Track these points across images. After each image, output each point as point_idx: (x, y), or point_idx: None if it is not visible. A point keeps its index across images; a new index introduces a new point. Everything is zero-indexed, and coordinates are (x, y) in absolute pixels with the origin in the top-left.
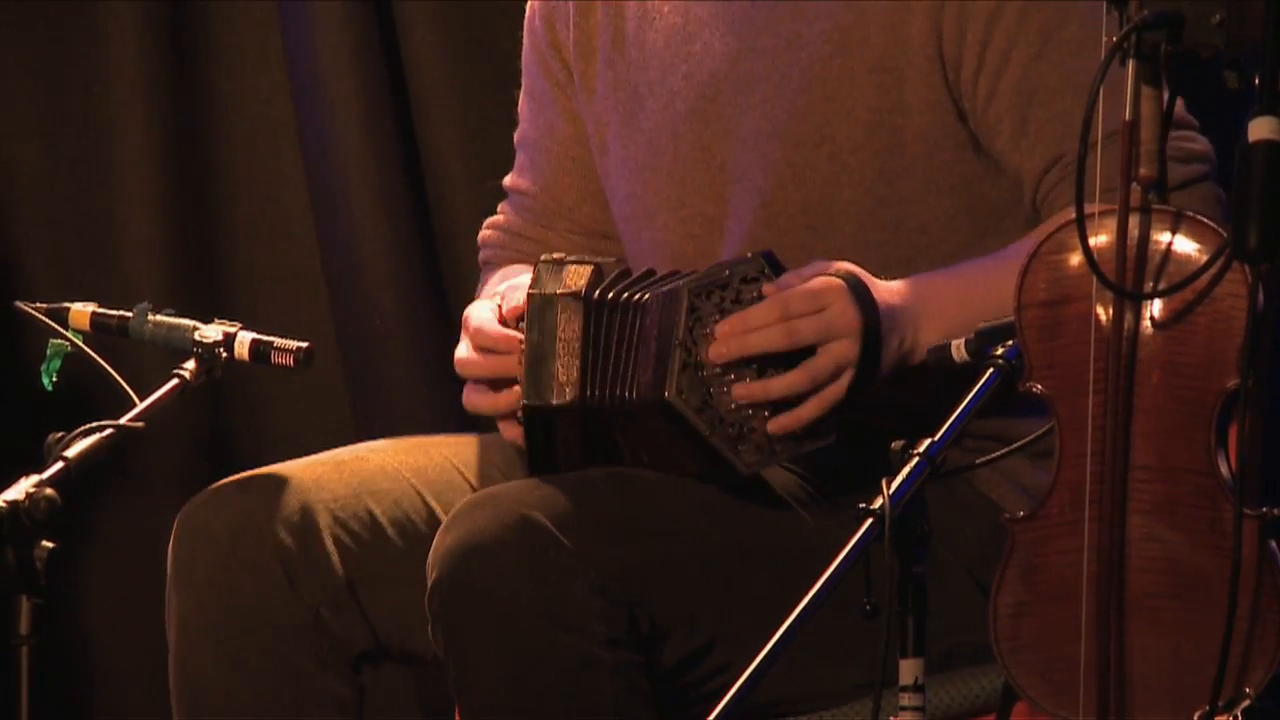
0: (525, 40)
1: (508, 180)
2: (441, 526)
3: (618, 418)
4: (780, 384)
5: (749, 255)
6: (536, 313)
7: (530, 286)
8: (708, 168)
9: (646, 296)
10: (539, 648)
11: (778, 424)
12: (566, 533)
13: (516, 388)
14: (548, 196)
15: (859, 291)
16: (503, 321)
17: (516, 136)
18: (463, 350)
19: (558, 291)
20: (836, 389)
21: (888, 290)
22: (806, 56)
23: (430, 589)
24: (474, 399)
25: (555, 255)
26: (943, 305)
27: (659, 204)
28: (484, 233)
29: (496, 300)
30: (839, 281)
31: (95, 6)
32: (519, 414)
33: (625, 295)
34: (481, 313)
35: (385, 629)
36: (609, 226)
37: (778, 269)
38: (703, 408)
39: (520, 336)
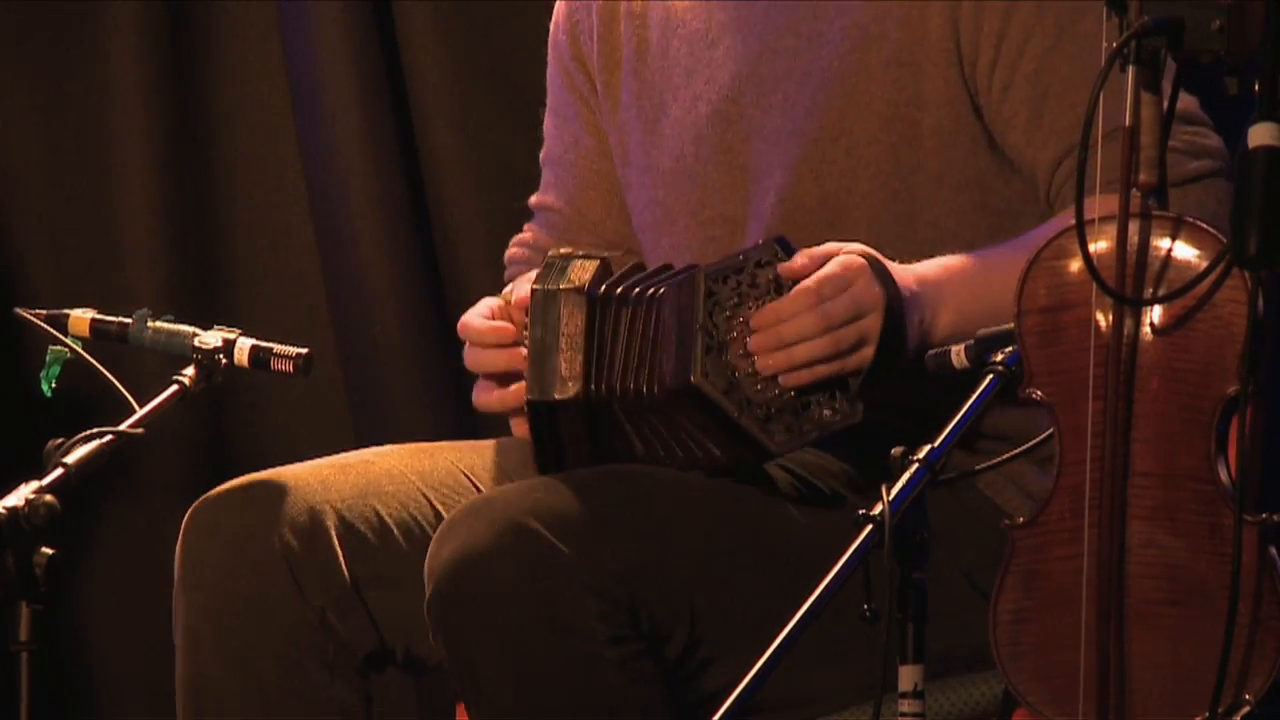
0: (550, 55)
1: (533, 199)
2: (436, 535)
3: (634, 412)
4: (804, 349)
5: (760, 242)
6: (540, 307)
7: (535, 281)
8: (729, 169)
9: (661, 290)
10: (542, 653)
11: (794, 379)
12: (562, 537)
13: (522, 384)
14: (573, 210)
15: (879, 269)
16: (515, 307)
17: (542, 155)
18: (466, 349)
19: (561, 286)
20: (860, 356)
21: (904, 272)
22: (827, 53)
23: (429, 600)
24: (482, 397)
25: (564, 250)
26: (958, 288)
27: (680, 208)
28: (510, 250)
29: (503, 297)
30: (861, 260)
31: (95, 13)
32: (525, 409)
33: (634, 289)
34: (473, 310)
35: (390, 632)
36: (634, 241)
37: (790, 251)
38: (729, 390)
39: (502, 325)
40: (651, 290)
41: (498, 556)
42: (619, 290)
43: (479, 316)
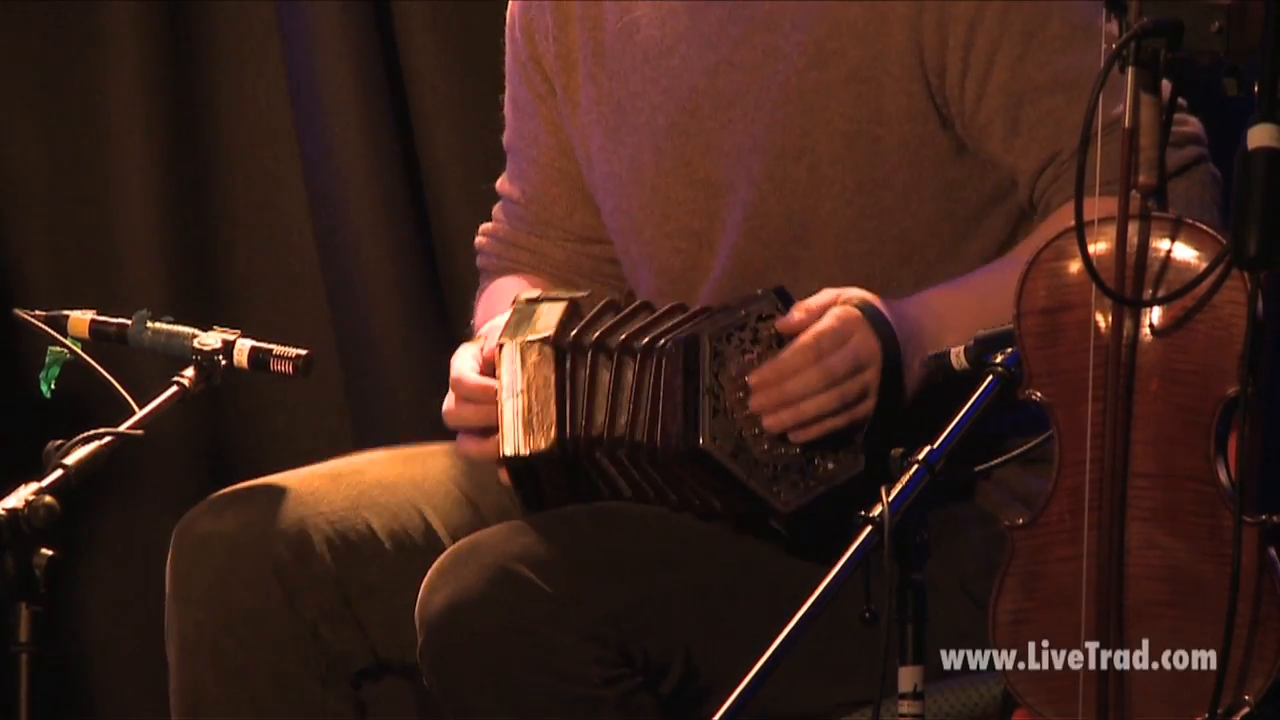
0: (507, 49)
1: (500, 184)
2: (425, 582)
3: (625, 460)
4: (812, 405)
5: (759, 292)
6: (507, 361)
7: (501, 334)
8: (691, 183)
9: (662, 342)
10: (536, 699)
11: (804, 434)
12: (551, 581)
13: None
14: (538, 206)
15: (876, 319)
16: (485, 364)
17: (504, 140)
18: (448, 401)
19: (527, 338)
20: (864, 409)
21: (902, 313)
22: (784, 69)
23: (421, 648)
24: (466, 447)
25: (530, 295)
26: (958, 318)
27: (644, 219)
28: (479, 239)
29: (479, 344)
30: (856, 312)
31: (95, 12)
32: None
33: (611, 335)
34: (461, 362)
35: (383, 643)
36: (602, 231)
37: (789, 302)
38: (737, 453)
39: (488, 383)
40: (648, 340)
41: (488, 604)
42: (591, 337)
43: (471, 371)
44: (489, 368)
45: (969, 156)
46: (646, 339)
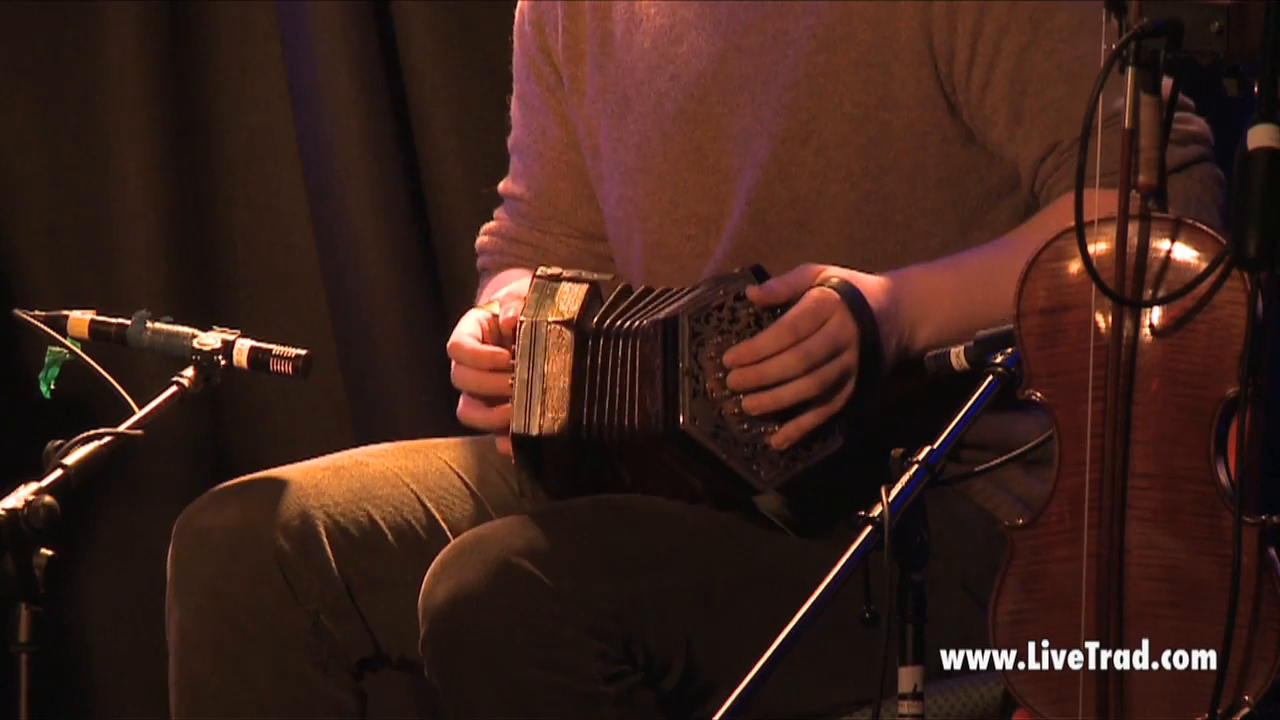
0: (515, 44)
1: (503, 185)
2: (429, 573)
3: (619, 446)
4: (789, 391)
5: (737, 271)
6: (526, 340)
7: (522, 310)
8: (701, 169)
9: (641, 323)
10: (537, 693)
11: (782, 436)
12: (554, 576)
13: (509, 405)
14: (542, 201)
15: (853, 301)
16: (497, 330)
17: (510, 141)
18: (455, 368)
19: (549, 318)
20: (839, 397)
21: (881, 291)
22: (793, 53)
23: (423, 640)
24: (467, 413)
25: (551, 270)
26: (939, 301)
27: (651, 206)
28: (481, 239)
29: (491, 310)
30: (834, 294)
31: (95, 13)
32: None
33: (618, 323)
34: (462, 327)
35: (384, 635)
36: (605, 229)
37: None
38: (716, 433)
39: (496, 350)
40: (633, 324)
41: (491, 598)
42: (606, 324)
43: (470, 337)
44: (496, 337)
45: (975, 146)
46: (627, 322)
